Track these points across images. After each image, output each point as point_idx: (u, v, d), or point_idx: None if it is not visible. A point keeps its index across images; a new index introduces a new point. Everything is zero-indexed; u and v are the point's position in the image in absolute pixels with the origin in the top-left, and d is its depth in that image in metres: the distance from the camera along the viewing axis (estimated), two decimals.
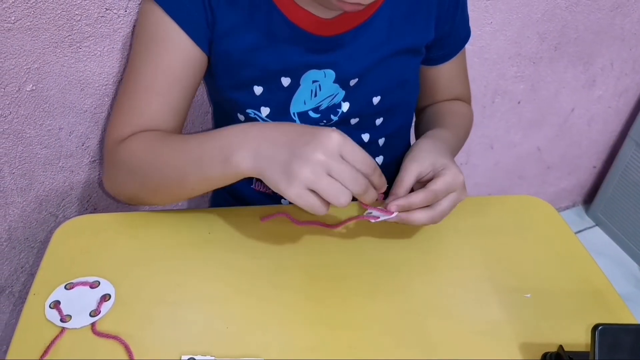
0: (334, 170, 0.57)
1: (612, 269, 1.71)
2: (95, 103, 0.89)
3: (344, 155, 0.58)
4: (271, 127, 0.62)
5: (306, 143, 0.58)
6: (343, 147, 0.58)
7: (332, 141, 0.57)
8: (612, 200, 1.80)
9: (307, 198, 0.58)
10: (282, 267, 0.69)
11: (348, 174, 0.58)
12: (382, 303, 0.66)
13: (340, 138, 0.58)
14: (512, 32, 1.26)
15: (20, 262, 1.00)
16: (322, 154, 0.57)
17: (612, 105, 1.63)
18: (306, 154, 0.57)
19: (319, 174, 0.57)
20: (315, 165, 0.56)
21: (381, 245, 0.73)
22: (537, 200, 0.84)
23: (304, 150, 0.57)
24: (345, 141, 0.58)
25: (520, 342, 0.63)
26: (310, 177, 0.57)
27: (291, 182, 0.57)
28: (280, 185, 0.58)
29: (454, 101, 0.92)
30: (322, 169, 0.57)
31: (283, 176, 0.58)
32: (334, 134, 0.58)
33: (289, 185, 0.57)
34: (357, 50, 0.75)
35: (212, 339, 0.60)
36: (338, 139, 0.57)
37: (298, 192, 0.57)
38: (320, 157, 0.57)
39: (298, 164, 0.57)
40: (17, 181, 0.90)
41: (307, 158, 0.57)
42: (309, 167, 0.56)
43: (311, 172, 0.56)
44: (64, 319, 0.60)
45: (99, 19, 0.81)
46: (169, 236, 0.72)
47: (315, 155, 0.57)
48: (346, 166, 0.58)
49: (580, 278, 0.72)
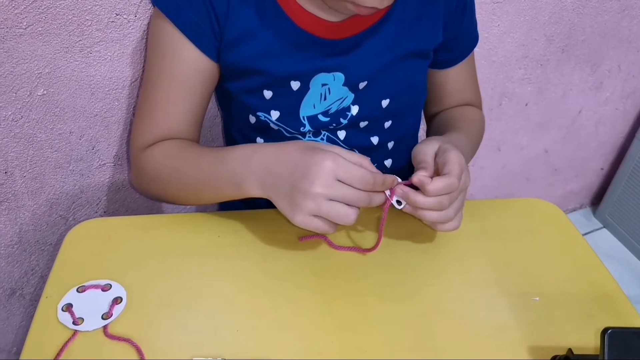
0: (334, 196, 0.60)
1: (619, 271, 1.70)
2: (105, 107, 0.90)
3: (340, 179, 0.60)
4: (272, 156, 0.64)
5: (303, 176, 0.60)
6: (337, 172, 0.60)
7: (325, 171, 0.59)
8: (620, 202, 1.79)
9: (313, 223, 0.62)
10: (292, 270, 0.69)
11: (349, 196, 0.61)
12: (392, 306, 0.66)
13: (333, 165, 0.59)
14: (520, 35, 1.26)
15: (30, 265, 1.01)
16: (320, 187, 0.59)
17: (619, 107, 1.62)
18: (304, 188, 0.60)
19: (320, 203, 0.60)
20: (315, 197, 0.60)
21: (390, 249, 0.73)
22: (545, 203, 0.84)
23: (302, 184, 0.60)
24: (338, 165, 0.60)
25: (529, 345, 0.63)
26: (312, 207, 0.60)
27: (295, 211, 0.61)
28: (286, 212, 0.63)
29: (465, 106, 0.92)
30: (322, 198, 0.60)
31: (288, 205, 0.62)
32: (325, 163, 0.59)
33: (294, 214, 0.62)
34: (366, 54, 0.76)
35: (223, 342, 0.60)
36: (330, 166, 0.59)
37: (303, 220, 0.62)
38: (319, 189, 0.59)
39: (300, 197, 0.61)
40: (28, 184, 0.91)
41: (306, 191, 0.60)
42: (309, 199, 0.60)
43: (312, 203, 0.60)
44: (77, 321, 0.61)
45: (109, 24, 0.82)
46: (179, 239, 0.72)
47: (314, 189, 0.59)
48: (345, 189, 0.60)
49: (588, 281, 0.72)
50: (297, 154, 0.62)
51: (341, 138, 0.81)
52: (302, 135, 0.80)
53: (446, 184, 0.64)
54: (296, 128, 0.79)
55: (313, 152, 0.61)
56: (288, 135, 0.80)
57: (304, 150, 0.62)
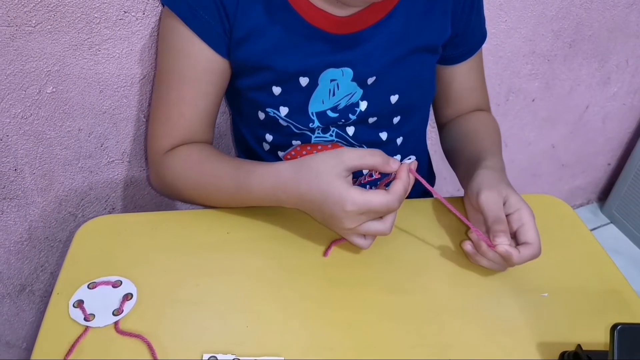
0: (363, 231, 0.65)
1: (627, 267, 1.69)
2: (114, 104, 0.90)
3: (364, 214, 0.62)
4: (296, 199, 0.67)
5: (331, 216, 0.64)
6: (361, 210, 0.62)
7: (348, 214, 0.62)
8: (627, 197, 1.79)
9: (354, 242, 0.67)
10: (302, 266, 0.70)
11: (375, 228, 0.64)
12: (401, 303, 0.66)
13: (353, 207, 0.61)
14: (527, 30, 1.26)
15: (40, 261, 1.02)
16: (348, 224, 0.63)
17: (626, 102, 1.62)
18: (336, 224, 0.65)
19: (354, 230, 0.65)
20: (348, 231, 0.65)
21: (399, 246, 0.73)
22: (553, 199, 0.84)
23: (332, 221, 0.65)
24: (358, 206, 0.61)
25: (538, 341, 0.63)
26: (349, 234, 0.66)
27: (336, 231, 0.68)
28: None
29: (479, 114, 0.91)
30: (352, 231, 0.65)
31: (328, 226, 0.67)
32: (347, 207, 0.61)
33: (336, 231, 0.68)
34: (375, 49, 0.76)
35: (232, 338, 0.61)
36: (352, 209, 0.62)
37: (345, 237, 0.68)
38: (349, 225, 0.63)
39: (335, 228, 0.66)
40: (38, 181, 0.92)
41: (338, 227, 0.65)
42: (343, 231, 0.66)
43: (348, 232, 0.65)
44: (88, 317, 0.61)
45: (118, 21, 0.82)
46: (189, 236, 0.73)
47: (344, 226, 0.64)
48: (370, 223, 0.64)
49: (597, 277, 0.72)
50: (318, 200, 0.64)
51: (350, 134, 0.82)
52: (310, 132, 0.80)
53: (531, 256, 0.66)
54: (305, 124, 0.79)
55: (331, 196, 0.62)
56: (297, 131, 0.80)
57: (322, 193, 0.63)
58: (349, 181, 0.63)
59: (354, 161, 0.63)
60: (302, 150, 0.83)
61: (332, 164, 0.63)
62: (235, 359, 0.58)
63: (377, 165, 0.63)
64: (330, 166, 0.63)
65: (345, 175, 0.63)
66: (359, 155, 0.63)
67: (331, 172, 0.63)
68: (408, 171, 0.64)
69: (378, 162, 0.63)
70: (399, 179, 0.63)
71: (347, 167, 0.63)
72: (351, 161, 0.63)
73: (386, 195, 0.62)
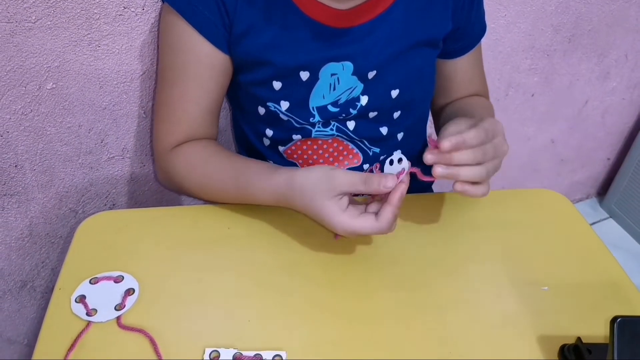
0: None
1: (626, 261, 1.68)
2: (113, 100, 0.90)
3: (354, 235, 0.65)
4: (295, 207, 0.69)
5: (329, 227, 0.65)
6: (350, 234, 0.64)
7: (346, 232, 0.64)
8: (626, 192, 1.79)
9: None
10: (302, 262, 0.70)
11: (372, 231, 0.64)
12: (402, 298, 0.66)
13: (345, 233, 0.64)
14: (526, 25, 1.26)
15: (41, 257, 1.02)
16: (343, 234, 0.65)
17: (626, 97, 1.62)
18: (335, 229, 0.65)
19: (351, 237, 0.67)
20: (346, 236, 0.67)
21: (399, 240, 0.73)
22: (552, 193, 0.84)
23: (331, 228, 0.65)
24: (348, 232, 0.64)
25: (538, 334, 0.63)
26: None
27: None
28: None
29: (474, 96, 0.91)
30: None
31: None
32: (337, 230, 0.64)
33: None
34: (375, 42, 0.76)
35: (234, 332, 0.61)
36: (343, 232, 0.64)
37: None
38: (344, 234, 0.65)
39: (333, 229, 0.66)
40: (38, 178, 0.92)
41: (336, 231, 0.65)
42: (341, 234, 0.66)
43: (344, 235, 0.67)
44: (90, 312, 0.61)
45: (117, 17, 0.82)
46: (189, 231, 0.73)
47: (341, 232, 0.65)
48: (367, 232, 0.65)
49: (596, 270, 0.72)
50: (313, 216, 0.66)
51: (350, 128, 0.82)
52: (311, 126, 0.80)
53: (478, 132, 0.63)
54: (306, 119, 0.79)
55: (324, 217, 0.64)
56: (298, 125, 0.80)
57: (315, 215, 0.66)
58: (342, 204, 0.64)
59: (345, 187, 0.64)
60: (303, 145, 0.83)
61: (324, 189, 0.64)
62: (237, 353, 0.58)
63: (370, 191, 0.63)
64: (322, 191, 0.64)
65: (339, 199, 0.64)
66: (351, 183, 0.63)
67: (323, 195, 0.64)
68: (401, 196, 0.63)
69: (371, 189, 0.63)
70: (390, 204, 0.63)
71: (338, 193, 0.64)
72: (342, 187, 0.64)
73: (375, 222, 0.63)
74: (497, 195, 0.84)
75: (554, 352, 0.61)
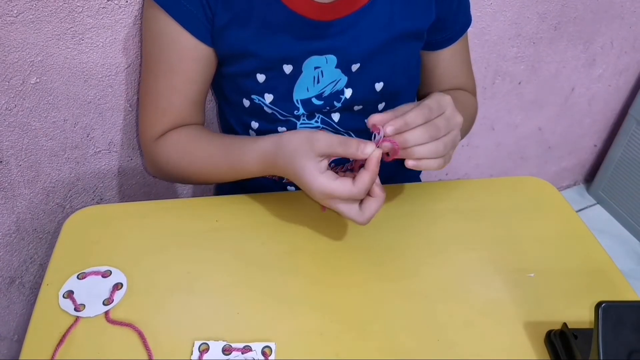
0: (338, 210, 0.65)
1: (613, 247, 1.72)
2: (99, 94, 0.89)
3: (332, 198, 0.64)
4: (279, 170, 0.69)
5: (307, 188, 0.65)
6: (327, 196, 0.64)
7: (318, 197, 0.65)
8: (613, 178, 1.81)
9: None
10: (290, 253, 0.70)
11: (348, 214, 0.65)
12: (389, 286, 0.67)
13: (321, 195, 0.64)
14: (512, 13, 1.26)
15: (29, 253, 1.01)
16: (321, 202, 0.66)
17: (612, 83, 1.63)
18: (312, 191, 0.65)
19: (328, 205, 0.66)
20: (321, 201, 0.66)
21: (386, 229, 0.74)
22: (539, 181, 0.85)
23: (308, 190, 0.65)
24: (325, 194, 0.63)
25: (525, 321, 0.64)
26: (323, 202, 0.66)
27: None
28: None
29: (457, 90, 0.91)
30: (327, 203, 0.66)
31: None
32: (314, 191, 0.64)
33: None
34: (358, 35, 0.75)
35: (223, 325, 0.61)
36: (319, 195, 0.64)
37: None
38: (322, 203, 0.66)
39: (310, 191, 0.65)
40: (24, 173, 0.91)
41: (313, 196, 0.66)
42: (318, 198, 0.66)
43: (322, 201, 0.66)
44: (78, 308, 0.61)
45: (100, 10, 0.81)
46: (177, 225, 0.73)
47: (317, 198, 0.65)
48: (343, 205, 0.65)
49: (582, 256, 0.73)
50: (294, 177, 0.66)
51: (335, 120, 0.82)
52: (296, 119, 0.80)
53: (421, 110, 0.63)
54: (290, 111, 0.79)
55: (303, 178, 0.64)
56: (282, 118, 0.80)
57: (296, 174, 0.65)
58: (321, 166, 0.64)
59: (324, 149, 0.63)
60: None
61: (305, 149, 0.64)
62: (226, 345, 0.58)
63: (347, 154, 0.63)
64: (304, 150, 0.64)
65: (319, 160, 0.64)
66: (329, 145, 0.63)
67: (304, 156, 0.64)
68: (378, 162, 0.63)
69: (349, 152, 0.63)
70: (367, 170, 0.63)
71: (318, 154, 0.64)
72: (321, 149, 0.63)
73: (351, 186, 0.63)
74: (484, 184, 0.84)
75: (540, 338, 0.62)
